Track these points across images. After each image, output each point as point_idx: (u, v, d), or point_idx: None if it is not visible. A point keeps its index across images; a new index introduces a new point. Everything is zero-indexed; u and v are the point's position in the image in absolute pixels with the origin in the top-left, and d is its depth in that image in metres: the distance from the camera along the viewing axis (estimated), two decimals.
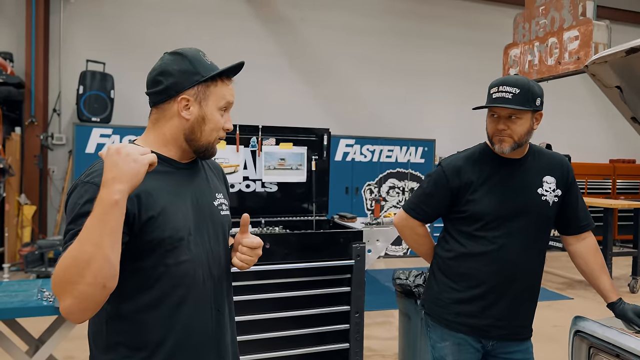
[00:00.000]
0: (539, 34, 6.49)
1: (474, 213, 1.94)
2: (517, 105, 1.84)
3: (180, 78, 1.31)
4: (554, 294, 6.29)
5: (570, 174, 2.03)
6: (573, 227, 2.07)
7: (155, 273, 1.27)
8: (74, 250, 1.06)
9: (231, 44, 7.99)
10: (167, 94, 1.32)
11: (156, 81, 1.34)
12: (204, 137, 1.35)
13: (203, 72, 1.33)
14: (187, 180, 1.38)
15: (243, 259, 1.39)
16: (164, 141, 1.35)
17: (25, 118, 6.92)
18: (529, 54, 6.64)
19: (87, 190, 1.18)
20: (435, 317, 2.04)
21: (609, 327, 1.76)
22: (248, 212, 3.43)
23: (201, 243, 1.35)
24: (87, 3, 7.42)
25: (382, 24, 9.00)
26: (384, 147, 8.25)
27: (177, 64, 1.33)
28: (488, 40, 8.51)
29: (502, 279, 1.93)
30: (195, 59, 1.34)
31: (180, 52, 1.36)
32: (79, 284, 1.05)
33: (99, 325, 1.28)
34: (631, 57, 1.70)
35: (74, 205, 1.19)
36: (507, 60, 6.84)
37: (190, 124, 1.33)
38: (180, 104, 1.32)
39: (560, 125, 9.99)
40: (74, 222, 1.16)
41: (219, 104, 1.35)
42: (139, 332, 1.26)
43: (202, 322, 1.35)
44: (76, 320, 1.11)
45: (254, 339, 2.84)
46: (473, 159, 2.01)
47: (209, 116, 1.34)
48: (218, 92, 1.35)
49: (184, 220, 1.31)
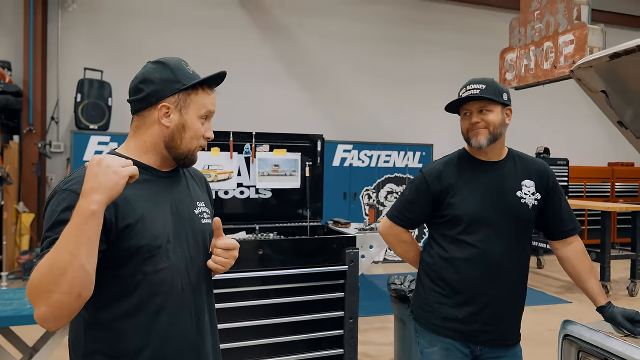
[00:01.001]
0: (535, 38, 6.52)
1: (454, 216, 1.96)
2: (486, 95, 1.89)
3: (161, 86, 1.33)
4: (552, 298, 6.27)
5: (551, 179, 2.05)
6: (558, 231, 2.08)
7: (133, 281, 1.27)
8: (50, 258, 1.07)
9: (229, 52, 8.03)
10: (148, 101, 1.34)
11: (137, 89, 1.35)
12: (184, 144, 1.36)
13: (184, 80, 1.34)
14: (167, 189, 1.39)
15: (217, 261, 1.38)
16: (144, 148, 1.36)
17: (24, 126, 6.95)
18: (525, 58, 6.67)
19: (65, 197, 1.19)
20: (423, 322, 2.05)
21: (597, 331, 1.76)
22: (242, 218, 3.46)
23: (180, 251, 1.35)
24: (85, 12, 7.47)
25: (378, 30, 9.04)
26: (381, 152, 8.27)
27: (158, 72, 1.35)
28: (483, 45, 8.54)
29: (485, 283, 1.94)
30: (177, 67, 1.36)
31: (162, 61, 1.38)
32: (54, 292, 1.06)
33: (78, 333, 1.28)
34: (615, 62, 1.71)
35: (52, 213, 1.19)
36: (503, 65, 6.87)
37: (170, 131, 1.34)
38: (161, 112, 1.33)
39: (558, 128, 10.00)
40: (52, 229, 1.17)
41: (199, 112, 1.37)
42: (117, 340, 1.26)
43: (181, 329, 1.35)
44: (50, 327, 1.13)
45: (248, 346, 2.84)
46: (452, 164, 2.05)
47: (189, 124, 1.35)
48: (199, 100, 1.36)
49: (163, 228, 1.31)
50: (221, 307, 2.79)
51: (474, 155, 2.03)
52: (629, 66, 1.70)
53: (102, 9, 7.56)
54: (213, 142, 3.33)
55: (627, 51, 1.63)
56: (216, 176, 3.32)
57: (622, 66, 1.72)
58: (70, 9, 7.34)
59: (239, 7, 8.32)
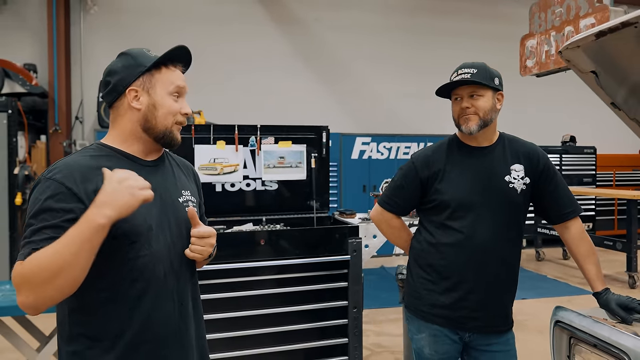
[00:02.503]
0: (555, 23, 6.35)
1: (441, 202, 1.96)
2: (476, 80, 1.87)
3: (125, 73, 1.38)
4: (576, 289, 6.12)
5: (542, 162, 2.00)
6: (555, 215, 2.04)
7: (115, 267, 1.30)
8: (49, 256, 1.14)
9: (247, 47, 8.11)
10: (117, 91, 1.39)
11: (105, 82, 1.41)
12: (159, 122, 1.40)
13: (146, 63, 1.39)
14: (151, 177, 1.40)
15: (193, 249, 1.41)
16: (124, 137, 1.41)
17: (50, 126, 7.21)
18: (546, 44, 6.50)
19: (49, 186, 1.24)
20: (412, 309, 2.05)
21: (586, 317, 1.72)
22: (249, 210, 3.51)
23: (163, 238, 1.38)
24: (106, 13, 7.67)
25: (396, 21, 8.95)
26: (400, 144, 8.20)
27: (121, 62, 1.40)
28: (504, 33, 8.35)
29: (472, 269, 1.93)
30: (138, 54, 1.41)
31: (124, 52, 1.44)
32: (46, 288, 1.14)
33: (63, 317, 1.33)
34: (602, 41, 1.66)
35: (35, 201, 1.24)
36: (523, 52, 6.71)
37: (142, 113, 1.39)
38: (130, 96, 1.38)
39: (585, 116, 9.69)
40: (35, 217, 1.21)
41: (168, 89, 1.41)
42: (99, 324, 1.31)
43: (163, 315, 1.38)
44: (32, 313, 1.20)
45: (252, 335, 2.89)
46: (442, 150, 2.05)
47: (159, 101, 1.39)
48: (164, 78, 1.41)
49: (145, 216, 1.34)
50: (225, 297, 2.86)
51: (464, 140, 2.02)
52: (616, 45, 1.65)
53: (122, 10, 7.75)
54: (218, 136, 3.39)
55: (612, 29, 1.58)
56: (222, 169, 3.38)
57: (609, 45, 1.67)
58: (91, 11, 7.55)
59: (256, 2, 8.38)
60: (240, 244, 2.92)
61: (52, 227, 1.20)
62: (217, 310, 2.84)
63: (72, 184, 1.25)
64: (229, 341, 2.87)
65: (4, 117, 5.59)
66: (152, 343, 1.37)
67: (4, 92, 6.34)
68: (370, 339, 4.42)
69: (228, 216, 3.42)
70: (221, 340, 2.84)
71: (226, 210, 3.43)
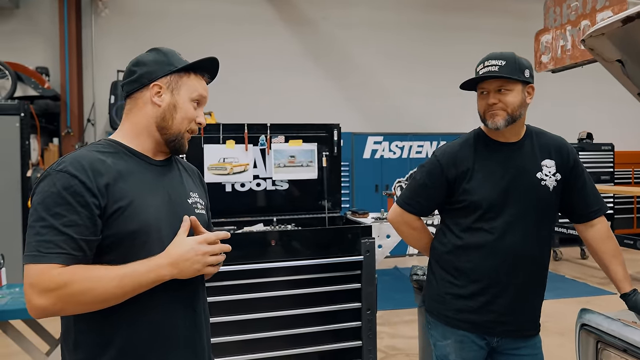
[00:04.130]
0: (571, 17, 6.21)
1: (471, 202, 1.84)
2: (505, 74, 1.75)
3: (153, 67, 1.36)
4: (596, 289, 5.97)
5: (572, 156, 1.90)
6: (581, 214, 1.94)
7: None
8: (103, 282, 1.17)
9: (256, 47, 8.08)
10: (140, 82, 1.35)
11: (131, 71, 1.38)
12: (175, 125, 1.36)
13: (177, 64, 1.37)
14: (160, 177, 1.37)
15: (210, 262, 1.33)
16: (136, 131, 1.36)
17: (62, 129, 7.24)
18: (561, 39, 6.35)
19: (60, 179, 1.18)
20: (435, 314, 1.95)
21: (615, 320, 1.63)
22: (260, 210, 3.45)
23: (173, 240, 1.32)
24: (117, 16, 7.69)
25: (406, 17, 8.85)
26: (413, 143, 8.10)
27: (151, 56, 1.38)
28: (518, 28, 8.21)
29: (503, 272, 1.82)
30: (170, 53, 1.40)
31: (156, 48, 1.42)
32: (81, 306, 1.17)
33: (68, 325, 1.28)
34: (629, 27, 1.57)
35: (46, 193, 1.17)
36: (538, 47, 6.57)
37: (162, 110, 1.35)
38: (153, 90, 1.34)
39: (603, 111, 9.49)
40: (48, 210, 1.15)
41: (191, 95, 1.38)
42: (106, 331, 1.25)
43: (174, 321, 1.33)
44: (41, 317, 1.19)
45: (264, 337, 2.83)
46: (468, 145, 1.92)
47: (180, 104, 1.36)
48: (190, 83, 1.38)
49: (156, 215, 1.29)
50: (236, 299, 2.80)
51: (491, 136, 1.89)
52: None
53: (132, 12, 7.77)
54: (228, 135, 3.34)
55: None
56: (232, 169, 3.32)
57: (637, 31, 1.58)
58: (102, 14, 7.57)
59: (265, 2, 8.34)
60: (251, 244, 2.86)
61: (71, 226, 1.15)
62: (228, 313, 2.78)
63: (85, 177, 1.19)
64: (241, 344, 2.81)
65: (16, 120, 5.61)
66: (163, 350, 1.31)
67: (17, 95, 6.38)
68: (384, 342, 4.33)
69: (238, 217, 3.36)
70: (233, 343, 2.78)
71: (236, 211, 3.37)
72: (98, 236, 1.20)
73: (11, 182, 5.58)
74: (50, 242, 1.14)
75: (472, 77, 1.83)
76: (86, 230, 1.17)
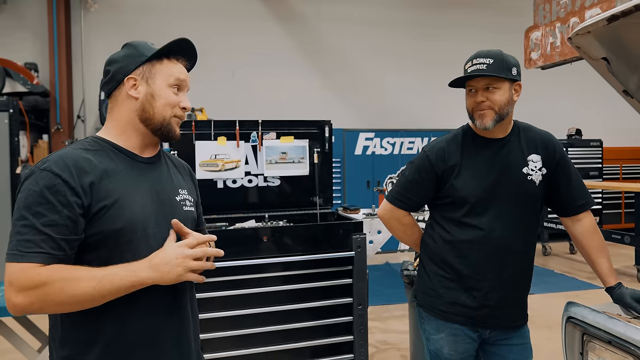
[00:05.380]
0: (560, 14, 6.24)
1: (458, 198, 1.87)
2: (492, 73, 1.77)
3: (125, 62, 1.36)
4: (584, 284, 6.06)
5: (558, 151, 1.94)
6: (567, 208, 1.98)
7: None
8: (80, 283, 1.16)
9: (248, 43, 8.06)
10: (116, 79, 1.36)
11: (106, 71, 1.38)
12: (157, 113, 1.36)
13: (147, 53, 1.37)
14: (147, 174, 1.37)
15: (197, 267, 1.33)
16: (121, 127, 1.36)
17: (52, 125, 7.19)
18: (551, 36, 6.39)
19: (44, 177, 1.19)
20: (429, 308, 1.97)
21: (600, 313, 1.66)
22: (251, 207, 3.46)
23: (160, 238, 1.32)
24: (106, 12, 7.63)
25: (398, 13, 8.87)
26: (404, 139, 8.13)
27: (122, 52, 1.39)
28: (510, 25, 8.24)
29: (493, 266, 1.86)
30: (141, 45, 1.39)
31: (128, 43, 1.41)
32: (58, 306, 1.17)
33: (55, 322, 1.29)
34: (614, 26, 1.59)
35: (29, 192, 1.18)
36: (528, 44, 6.60)
37: (140, 102, 1.35)
38: (128, 84, 1.35)
39: (592, 108, 9.59)
40: (29, 209, 1.16)
41: (167, 81, 1.37)
42: (93, 327, 1.26)
43: (159, 321, 1.34)
44: (18, 314, 1.19)
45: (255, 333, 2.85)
46: (456, 142, 1.95)
47: (157, 92, 1.36)
48: (164, 69, 1.38)
49: (141, 212, 1.29)
50: (228, 295, 2.81)
51: (478, 132, 1.93)
52: (629, 29, 1.58)
53: (122, 8, 7.71)
54: (219, 132, 3.34)
55: (625, 12, 1.51)
56: (223, 165, 3.33)
57: (622, 30, 1.60)
58: (92, 9, 7.52)
59: None
60: (243, 241, 2.87)
61: (51, 226, 1.16)
62: (221, 309, 2.79)
63: (69, 176, 1.20)
64: (233, 339, 2.82)
65: (5, 117, 5.56)
66: (149, 348, 1.32)
67: (5, 91, 6.32)
68: (375, 336, 4.37)
69: (230, 213, 3.37)
70: (226, 339, 2.80)
71: (228, 207, 3.38)
72: (79, 235, 1.21)
73: (0, 179, 5.54)
74: (30, 241, 1.14)
75: (460, 76, 1.85)
76: (66, 230, 1.17)
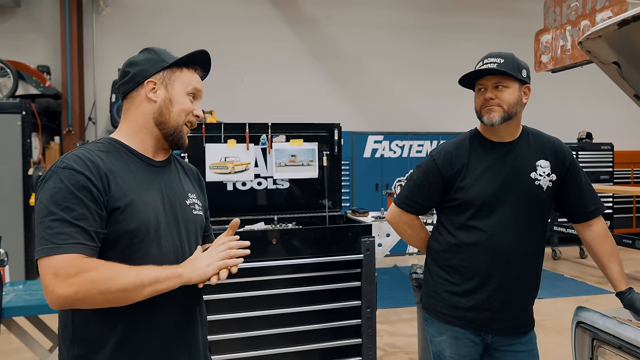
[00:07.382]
0: (571, 17, 6.22)
1: (464, 201, 1.87)
2: (503, 69, 1.79)
3: (146, 65, 1.39)
4: (594, 288, 6.00)
5: (568, 158, 1.93)
6: (578, 214, 1.97)
7: None
8: (120, 268, 1.20)
9: (259, 46, 8.10)
10: (135, 81, 1.38)
11: (125, 72, 1.41)
12: (172, 118, 1.39)
13: (168, 60, 1.40)
14: (158, 177, 1.40)
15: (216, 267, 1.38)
16: (135, 129, 1.39)
17: (63, 127, 7.27)
18: (561, 39, 6.36)
19: (67, 175, 1.21)
20: (432, 310, 1.98)
21: (610, 318, 1.65)
22: (261, 209, 3.48)
23: (171, 240, 1.35)
24: (118, 15, 7.71)
25: (407, 17, 8.87)
26: (413, 142, 8.12)
27: (143, 56, 1.42)
28: (521, 28, 8.22)
29: (497, 269, 1.85)
30: (162, 51, 1.43)
31: (148, 48, 1.45)
32: (101, 294, 1.17)
33: (66, 320, 1.30)
34: (626, 30, 1.59)
35: (53, 189, 1.19)
36: (538, 47, 6.57)
37: (158, 105, 1.38)
38: (147, 87, 1.38)
39: (602, 111, 9.51)
40: (57, 205, 1.17)
41: (185, 89, 1.41)
42: (104, 329, 1.27)
43: (169, 321, 1.35)
44: (57, 307, 1.18)
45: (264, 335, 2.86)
46: (464, 145, 1.95)
47: (175, 98, 1.39)
48: (184, 77, 1.41)
49: (153, 214, 1.32)
50: (237, 297, 2.83)
51: (486, 135, 1.93)
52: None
53: (134, 11, 7.79)
54: (229, 134, 3.36)
55: (636, 17, 1.51)
56: (233, 168, 3.35)
57: (633, 34, 1.60)
58: (104, 12, 7.59)
59: (267, 1, 8.36)
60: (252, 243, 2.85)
61: (82, 219, 1.18)
62: (229, 311, 2.81)
63: (90, 174, 1.22)
64: (242, 341, 2.84)
65: (18, 119, 5.63)
66: (158, 348, 1.33)
67: (18, 93, 6.40)
68: (384, 339, 4.37)
69: (239, 215, 3.38)
70: (234, 341, 2.81)
71: (237, 209, 3.40)
72: (105, 230, 1.23)
73: (13, 181, 5.61)
74: (63, 233, 1.15)
75: (470, 71, 1.86)
76: (95, 223, 1.20)
